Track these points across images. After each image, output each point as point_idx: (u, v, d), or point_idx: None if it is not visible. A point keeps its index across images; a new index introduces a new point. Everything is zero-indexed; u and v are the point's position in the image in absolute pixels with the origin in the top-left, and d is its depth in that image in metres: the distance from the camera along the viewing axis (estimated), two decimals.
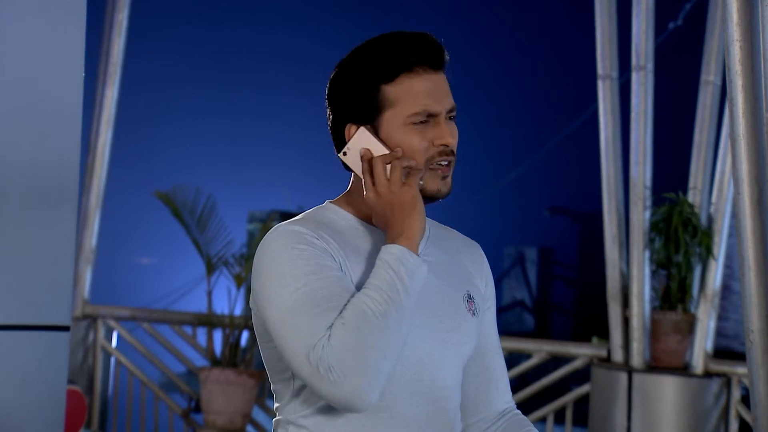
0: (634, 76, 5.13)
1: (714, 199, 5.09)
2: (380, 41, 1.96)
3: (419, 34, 1.96)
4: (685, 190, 5.10)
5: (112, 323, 5.96)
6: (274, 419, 2.01)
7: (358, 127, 1.95)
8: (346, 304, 1.84)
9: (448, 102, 1.96)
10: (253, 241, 6.59)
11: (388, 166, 1.92)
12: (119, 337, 6.02)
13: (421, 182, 1.94)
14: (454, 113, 1.98)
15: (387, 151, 1.93)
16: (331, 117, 2.00)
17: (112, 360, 5.99)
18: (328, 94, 2.00)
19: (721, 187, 5.06)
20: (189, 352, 6.03)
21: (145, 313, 6.02)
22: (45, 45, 3.13)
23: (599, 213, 5.28)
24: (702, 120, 5.17)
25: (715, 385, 4.97)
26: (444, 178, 1.96)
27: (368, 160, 1.93)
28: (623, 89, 5.27)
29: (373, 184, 1.92)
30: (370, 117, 1.95)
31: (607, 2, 5.22)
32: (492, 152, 15.54)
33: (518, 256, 14.18)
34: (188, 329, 5.94)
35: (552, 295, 14.56)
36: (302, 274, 1.86)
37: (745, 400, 4.84)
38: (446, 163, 1.96)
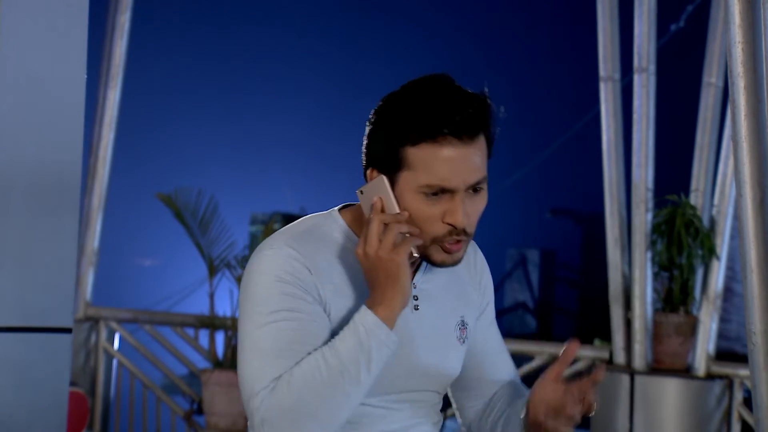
0: (636, 78, 5.13)
1: (716, 201, 5.09)
2: (416, 97, 1.83)
3: (458, 99, 1.83)
4: (687, 192, 5.10)
5: (114, 325, 5.96)
6: None
7: (379, 174, 1.87)
8: (306, 351, 1.79)
9: (472, 176, 1.85)
10: (255, 243, 6.60)
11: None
12: (121, 339, 6.02)
13: (414, 250, 1.85)
14: (481, 184, 1.88)
15: (396, 209, 1.84)
16: (363, 152, 1.92)
17: (114, 362, 5.99)
18: (366, 130, 1.93)
19: (723, 189, 5.06)
20: (191, 354, 6.02)
21: (147, 315, 6.02)
22: (47, 47, 3.13)
23: (601, 215, 5.27)
24: (704, 122, 5.17)
25: (717, 387, 4.97)
26: (450, 252, 1.87)
27: (372, 213, 1.85)
28: (625, 91, 5.27)
29: (366, 242, 1.84)
30: (390, 171, 1.85)
31: (609, 4, 5.22)
32: (494, 154, 15.53)
33: (520, 258, 14.16)
34: (190, 331, 5.94)
35: (554, 297, 14.54)
36: (276, 309, 1.81)
37: (748, 402, 4.84)
38: (455, 242, 1.86)
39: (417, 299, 1.94)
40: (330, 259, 1.88)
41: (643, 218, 5.07)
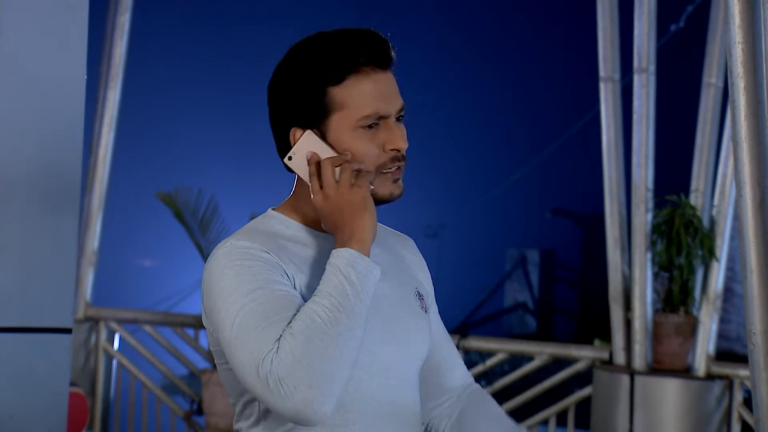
0: (636, 79, 5.13)
1: (716, 201, 5.09)
2: (324, 40, 1.88)
3: (364, 32, 1.89)
4: (687, 193, 5.10)
5: (114, 325, 5.96)
6: None
7: (304, 131, 1.88)
8: (295, 314, 1.77)
9: (398, 102, 1.89)
10: None
11: (337, 169, 1.85)
12: (121, 340, 6.02)
13: (372, 187, 1.87)
14: (403, 113, 1.91)
15: (335, 155, 1.86)
16: (274, 120, 1.93)
17: (114, 362, 5.99)
18: (269, 97, 1.93)
19: (723, 189, 5.06)
20: (191, 355, 6.02)
21: (147, 316, 6.02)
22: (47, 47, 3.13)
23: (601, 215, 5.27)
24: (704, 122, 5.17)
25: (717, 387, 4.97)
26: (395, 181, 1.90)
27: (315, 162, 1.86)
28: (625, 91, 5.27)
29: (321, 187, 1.85)
30: (316, 120, 1.88)
31: (608, 4, 5.22)
32: (494, 154, 15.54)
33: (520, 259, 14.16)
34: (190, 331, 5.94)
35: (554, 298, 14.54)
36: (250, 290, 1.80)
37: (747, 402, 4.83)
38: (397, 168, 1.90)
39: None
40: (281, 244, 1.89)
41: (643, 218, 5.07)
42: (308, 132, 1.87)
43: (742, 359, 6.15)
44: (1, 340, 3.02)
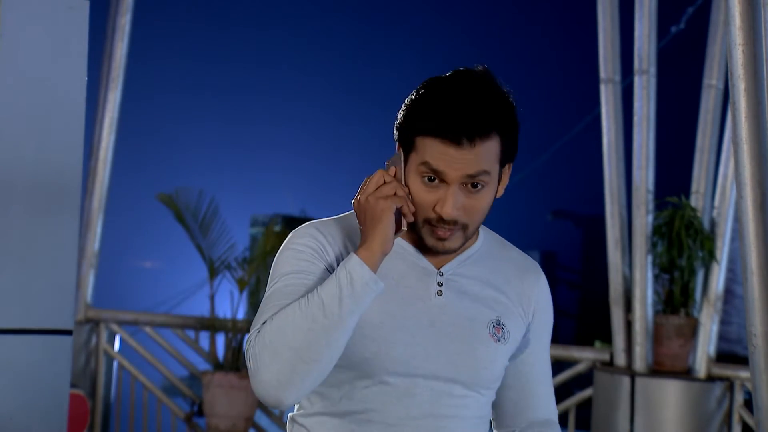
0: (637, 80, 5.13)
1: (717, 203, 5.09)
2: (438, 91, 1.94)
3: (464, 105, 1.92)
4: (687, 194, 5.10)
5: (114, 327, 5.96)
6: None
7: (400, 149, 1.99)
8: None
9: (467, 168, 1.91)
10: (256, 245, 6.59)
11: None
12: (122, 341, 6.02)
13: (403, 224, 1.94)
14: (478, 182, 1.94)
15: (403, 181, 1.97)
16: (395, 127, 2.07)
17: (115, 364, 5.99)
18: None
19: (723, 190, 5.06)
20: (191, 356, 6.02)
21: (148, 317, 6.02)
22: (48, 49, 3.13)
23: (602, 217, 5.28)
24: (704, 124, 5.17)
25: (717, 389, 4.97)
26: (439, 239, 1.96)
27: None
28: (626, 93, 5.27)
29: (362, 190, 1.95)
30: (405, 150, 1.97)
31: (609, 6, 5.22)
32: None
33: None
34: (191, 333, 5.94)
35: (555, 299, 14.52)
36: (285, 272, 1.95)
37: (748, 404, 4.83)
38: (444, 230, 1.95)
39: (441, 285, 2.01)
40: (353, 244, 2.00)
41: (644, 220, 5.07)
42: (400, 151, 1.98)
43: (742, 361, 6.15)
44: (1, 342, 3.02)
